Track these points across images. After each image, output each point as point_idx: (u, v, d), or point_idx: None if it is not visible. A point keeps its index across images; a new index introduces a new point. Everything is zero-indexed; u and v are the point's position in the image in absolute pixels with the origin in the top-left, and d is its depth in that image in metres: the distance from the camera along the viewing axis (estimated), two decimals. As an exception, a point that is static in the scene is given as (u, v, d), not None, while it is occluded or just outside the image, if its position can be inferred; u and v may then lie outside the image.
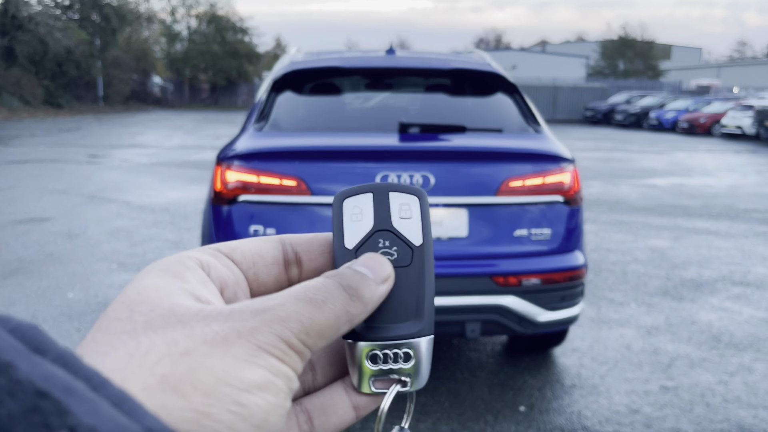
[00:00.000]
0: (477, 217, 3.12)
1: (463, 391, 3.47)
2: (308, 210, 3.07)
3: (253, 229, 3.00)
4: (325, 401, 0.42)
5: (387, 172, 3.04)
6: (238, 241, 0.43)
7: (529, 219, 3.16)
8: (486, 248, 3.10)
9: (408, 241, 0.44)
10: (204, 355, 0.32)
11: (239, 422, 0.31)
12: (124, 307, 0.34)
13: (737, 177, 13.06)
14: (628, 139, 23.44)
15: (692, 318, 4.64)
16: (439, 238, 3.06)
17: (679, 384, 3.59)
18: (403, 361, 0.42)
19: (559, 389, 3.52)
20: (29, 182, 10.25)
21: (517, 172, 3.14)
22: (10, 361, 0.25)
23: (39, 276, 5.30)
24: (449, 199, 3.09)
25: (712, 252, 6.60)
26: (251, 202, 3.05)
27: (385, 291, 0.41)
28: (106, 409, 0.25)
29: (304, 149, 3.13)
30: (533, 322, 3.06)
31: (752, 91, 39.13)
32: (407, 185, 0.46)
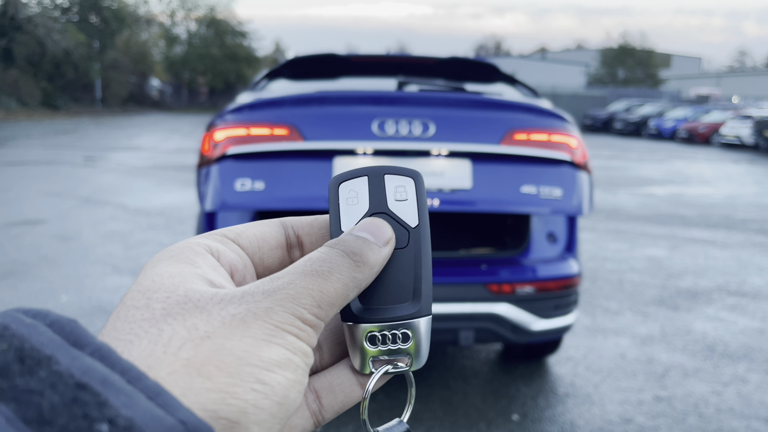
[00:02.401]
0: (481, 168, 2.97)
1: (456, 399, 3.45)
2: (300, 158, 2.90)
3: (240, 183, 2.82)
4: (332, 380, 0.43)
5: (384, 119, 2.89)
6: (243, 226, 0.43)
7: (536, 175, 2.99)
8: (492, 204, 2.94)
9: (404, 222, 0.44)
10: (224, 338, 0.33)
11: (262, 399, 0.32)
12: (141, 295, 0.35)
13: (735, 187, 13.08)
14: (627, 147, 23.48)
15: (687, 327, 4.63)
16: (441, 189, 2.91)
17: (672, 394, 3.58)
18: (402, 342, 0.42)
19: (552, 398, 3.50)
20: (24, 184, 10.22)
21: (521, 125, 3.00)
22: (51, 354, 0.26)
23: (32, 279, 5.27)
24: (451, 146, 2.92)
25: (708, 262, 6.60)
26: (238, 155, 2.88)
27: (388, 253, 0.42)
28: (142, 402, 0.26)
29: (296, 97, 3.00)
30: (527, 330, 3.05)
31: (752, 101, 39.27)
32: (403, 167, 0.46)
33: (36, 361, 0.26)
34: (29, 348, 0.27)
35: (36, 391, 0.25)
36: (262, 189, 2.81)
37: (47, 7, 34.90)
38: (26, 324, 0.28)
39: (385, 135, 2.87)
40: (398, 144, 2.87)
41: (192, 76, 46.94)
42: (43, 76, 32.74)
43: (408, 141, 2.87)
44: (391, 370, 0.43)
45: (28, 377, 0.26)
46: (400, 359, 0.43)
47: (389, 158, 2.91)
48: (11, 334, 0.27)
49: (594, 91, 39.19)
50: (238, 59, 46.10)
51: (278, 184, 2.83)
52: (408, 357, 0.42)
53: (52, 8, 35.40)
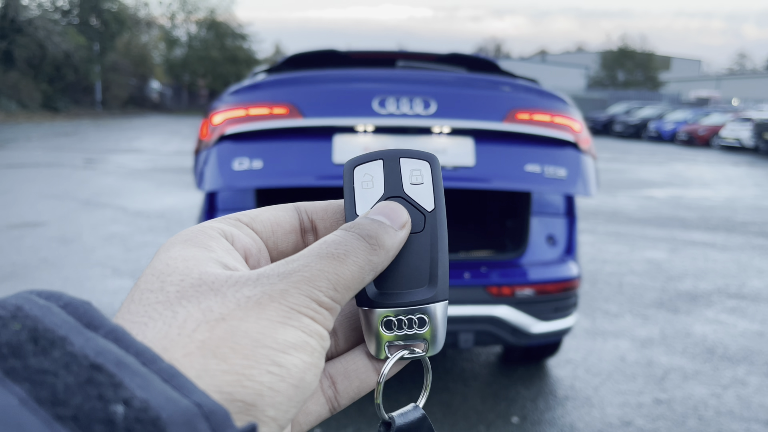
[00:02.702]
0: (484, 146, 2.91)
1: (455, 401, 3.45)
2: (299, 137, 2.86)
3: (238, 162, 2.78)
4: (348, 366, 0.43)
5: (385, 96, 2.84)
6: (257, 211, 0.43)
7: (540, 154, 2.93)
8: (495, 181, 2.89)
9: (420, 206, 0.44)
10: (239, 320, 0.32)
11: (278, 382, 0.32)
12: (155, 279, 0.35)
13: (735, 189, 13.08)
14: (627, 149, 23.49)
15: (687, 330, 4.63)
16: (444, 167, 2.84)
17: (672, 396, 3.58)
18: (418, 327, 0.42)
19: (552, 400, 3.50)
20: (24, 186, 10.22)
21: (524, 105, 2.96)
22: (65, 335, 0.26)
23: (32, 281, 5.27)
24: (453, 123, 2.86)
25: (708, 264, 6.60)
26: (236, 135, 2.83)
27: (404, 236, 0.41)
28: (157, 384, 0.26)
29: (295, 77, 2.97)
30: (526, 333, 3.05)
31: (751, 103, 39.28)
32: (418, 150, 0.46)
33: (50, 341, 0.26)
34: (42, 329, 0.26)
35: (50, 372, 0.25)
36: (261, 167, 2.77)
37: (47, 10, 34.93)
38: (40, 305, 0.28)
39: (385, 112, 2.82)
40: (399, 121, 2.83)
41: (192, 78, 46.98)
42: (44, 79, 32.76)
43: (409, 118, 2.82)
44: (407, 355, 0.43)
45: (42, 357, 0.26)
46: (417, 345, 0.42)
47: (390, 136, 2.87)
48: (24, 315, 0.27)
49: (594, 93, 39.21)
50: (238, 61, 46.15)
51: (277, 162, 2.80)
52: (424, 342, 0.42)
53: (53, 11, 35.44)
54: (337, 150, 2.81)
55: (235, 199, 3.16)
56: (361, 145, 2.82)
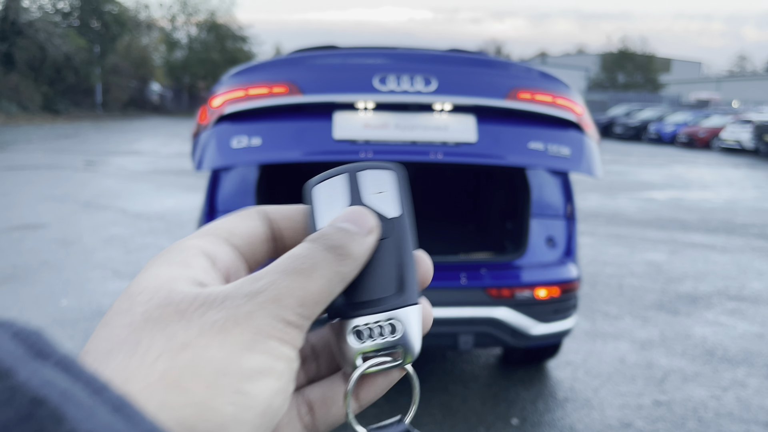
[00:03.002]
0: (486, 123, 2.89)
1: (455, 403, 3.45)
2: (299, 114, 2.86)
3: (237, 140, 2.74)
4: (326, 392, 0.41)
5: (386, 73, 2.81)
6: (231, 223, 0.42)
7: (543, 133, 2.91)
8: (498, 157, 2.85)
9: (384, 213, 0.43)
10: (203, 347, 0.31)
11: (243, 412, 0.31)
12: (126, 298, 0.34)
13: (735, 191, 13.08)
14: (627, 151, 23.50)
15: (687, 332, 4.63)
16: (446, 143, 2.81)
17: (672, 398, 3.58)
18: (390, 334, 0.40)
19: (552, 402, 3.51)
20: (25, 188, 10.23)
21: (525, 85, 2.93)
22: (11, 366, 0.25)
23: (33, 283, 5.28)
24: (454, 100, 2.83)
25: (708, 266, 6.60)
26: (235, 114, 2.82)
27: (372, 242, 0.40)
28: (103, 415, 0.25)
29: (295, 56, 2.95)
30: (526, 334, 3.05)
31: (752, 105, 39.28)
32: (379, 162, 0.45)
33: None
34: None
35: None
36: (260, 144, 2.75)
37: (48, 12, 34.97)
38: None
39: (386, 89, 2.80)
40: (400, 97, 2.80)
41: (192, 80, 47.01)
42: (44, 81, 32.78)
43: (410, 95, 2.80)
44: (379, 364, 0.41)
45: None
46: (392, 353, 0.41)
47: (391, 113, 2.85)
48: None
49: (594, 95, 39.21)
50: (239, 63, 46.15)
51: (276, 139, 2.78)
52: (399, 350, 0.40)
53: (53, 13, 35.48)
54: (338, 126, 2.80)
55: (235, 200, 3.17)
56: (362, 121, 2.81)
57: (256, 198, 3.16)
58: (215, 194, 3.17)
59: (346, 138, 2.77)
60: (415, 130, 2.80)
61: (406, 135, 2.79)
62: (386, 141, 2.78)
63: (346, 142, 2.76)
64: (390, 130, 2.79)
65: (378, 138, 2.78)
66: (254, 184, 3.18)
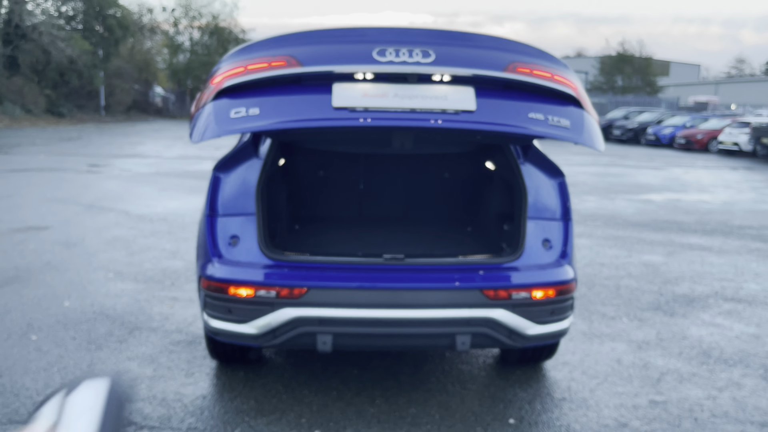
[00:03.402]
0: (485, 95, 2.87)
1: (453, 403, 3.50)
2: (298, 87, 2.86)
3: (234, 111, 2.74)
4: None
5: (385, 46, 2.80)
6: None
7: (543, 106, 2.90)
8: (499, 125, 2.84)
9: None
10: None
11: None
12: None
13: (733, 193, 13.13)
14: (625, 154, 23.54)
15: (683, 333, 4.68)
16: (445, 110, 2.79)
17: (668, 398, 3.63)
18: None
19: (549, 402, 3.55)
20: (29, 191, 10.30)
21: (524, 60, 2.92)
22: None
23: (36, 284, 5.34)
24: (452, 71, 2.83)
25: (705, 268, 6.65)
26: (234, 87, 2.81)
27: None
28: None
29: (295, 33, 2.93)
30: (523, 335, 3.10)
31: (750, 108, 39.31)
32: None
33: None
34: None
35: None
36: (258, 113, 2.74)
37: (52, 16, 35.03)
38: None
39: (385, 60, 2.80)
40: (399, 68, 2.80)
41: (195, 84, 47.05)
42: (48, 84, 32.83)
43: (409, 65, 2.80)
44: None
45: None
46: None
47: (390, 84, 2.84)
48: None
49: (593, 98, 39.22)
50: (241, 67, 46.18)
51: (275, 108, 2.79)
52: None
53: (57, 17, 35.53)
54: (336, 96, 2.78)
55: (236, 202, 3.22)
56: (361, 91, 2.80)
57: (257, 200, 3.21)
58: (216, 196, 3.23)
59: (345, 106, 2.76)
60: (414, 99, 2.79)
61: (405, 103, 2.78)
62: (386, 108, 2.77)
63: (345, 109, 2.75)
64: (389, 99, 2.79)
65: (377, 106, 2.77)
66: (255, 186, 3.24)
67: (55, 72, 32.95)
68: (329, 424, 3.24)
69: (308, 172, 4.83)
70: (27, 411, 3.23)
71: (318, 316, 2.95)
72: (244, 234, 3.15)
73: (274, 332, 2.98)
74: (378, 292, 3.00)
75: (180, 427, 3.15)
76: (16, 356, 3.90)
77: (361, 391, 3.58)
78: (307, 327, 2.97)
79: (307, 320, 2.95)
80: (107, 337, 4.26)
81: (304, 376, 3.75)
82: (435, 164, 4.87)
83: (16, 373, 3.66)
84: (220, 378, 3.70)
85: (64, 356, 3.92)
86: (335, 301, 2.95)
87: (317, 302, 2.94)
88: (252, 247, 3.11)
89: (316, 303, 2.94)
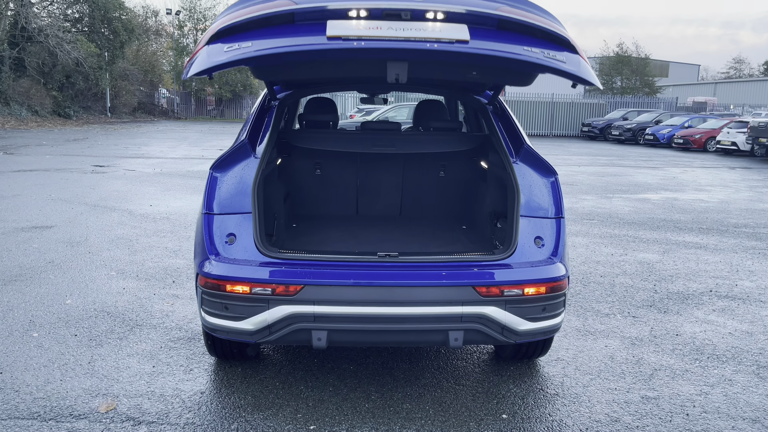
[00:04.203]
0: (479, 32, 2.86)
1: (447, 398, 3.56)
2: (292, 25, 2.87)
3: (227, 47, 2.79)
4: None
5: None
6: None
7: (537, 45, 2.90)
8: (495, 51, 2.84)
9: None
10: None
11: None
12: None
13: (730, 192, 13.14)
14: (623, 154, 23.54)
15: (677, 330, 4.73)
16: (440, 39, 2.78)
17: (660, 394, 3.67)
18: None
19: (541, 398, 3.61)
20: (34, 191, 10.39)
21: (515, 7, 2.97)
22: None
23: (38, 282, 5.42)
24: (445, 7, 2.84)
25: (700, 266, 6.69)
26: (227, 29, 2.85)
27: None
28: None
29: None
30: (515, 331, 3.14)
31: (748, 108, 39.25)
32: None
33: None
34: None
35: None
36: (250, 46, 2.78)
37: (58, 18, 35.21)
38: None
39: None
40: (392, 3, 2.82)
41: (200, 85, 47.22)
42: (54, 86, 33.01)
43: (403, 1, 2.82)
44: None
45: None
46: None
47: (383, 20, 2.85)
48: None
49: (592, 99, 39.18)
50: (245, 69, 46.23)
51: (268, 42, 2.81)
52: None
53: (63, 19, 35.70)
54: (330, 29, 2.79)
55: (233, 201, 3.28)
56: (353, 29, 2.81)
57: (253, 198, 3.28)
58: (213, 195, 3.29)
59: (339, 35, 2.76)
60: (409, 32, 2.80)
61: (399, 34, 2.79)
62: (380, 37, 2.77)
63: (339, 38, 2.76)
64: (383, 31, 2.80)
65: (371, 35, 2.78)
66: (251, 185, 3.30)
67: (62, 74, 33.13)
68: (325, 419, 3.30)
69: (305, 171, 4.90)
70: (27, 408, 3.30)
71: (313, 313, 3.01)
72: (241, 232, 3.21)
73: (270, 329, 3.05)
74: (372, 289, 3.06)
75: (178, 423, 3.21)
76: (17, 353, 3.97)
77: (356, 387, 3.64)
78: (302, 323, 3.03)
79: (302, 317, 3.01)
80: (108, 334, 4.33)
81: (300, 372, 3.81)
82: (430, 163, 4.93)
83: (17, 370, 3.73)
84: (218, 374, 3.77)
85: (65, 353, 3.99)
86: (330, 298, 3.01)
87: (312, 299, 3.00)
88: (248, 245, 3.17)
89: (311, 300, 3.00)
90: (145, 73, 43.48)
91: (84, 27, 36.53)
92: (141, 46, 44.86)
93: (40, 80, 32.35)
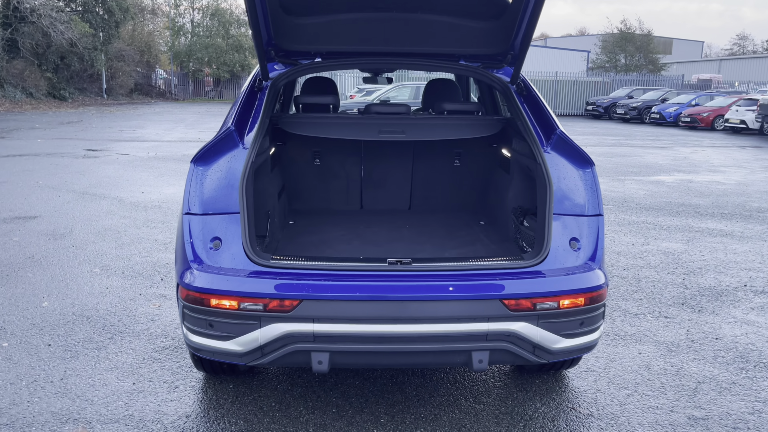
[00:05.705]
0: None
1: (467, 421, 3.12)
2: None
3: None
4: None
5: None
6: None
7: None
8: None
9: None
10: None
11: None
12: None
13: (745, 173, 12.67)
14: (630, 133, 22.99)
15: (715, 333, 4.28)
16: None
17: (708, 414, 3.23)
18: None
19: (573, 419, 3.16)
20: (21, 177, 9.92)
21: None
22: None
23: (15, 282, 4.97)
24: None
25: (728, 256, 6.24)
26: None
27: None
28: None
29: None
30: (549, 350, 2.70)
31: (753, 86, 38.61)
32: None
33: None
34: None
35: None
36: None
37: (50, -3, 34.46)
38: None
39: None
40: None
41: (197, 66, 46.48)
42: (49, 67, 32.34)
43: None
44: None
45: None
46: None
47: None
48: None
49: (596, 77, 38.52)
50: (243, 49, 45.49)
51: None
52: None
53: (56, -2, 34.96)
54: None
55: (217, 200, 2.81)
56: None
57: (241, 195, 2.81)
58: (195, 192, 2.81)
59: None
60: None
61: None
62: None
63: None
64: None
65: None
66: (239, 180, 2.84)
67: (56, 55, 32.50)
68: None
69: (303, 161, 4.43)
70: (-10, 433, 2.87)
71: (312, 332, 2.56)
72: (227, 236, 2.74)
73: (262, 350, 2.60)
74: (381, 303, 2.59)
75: (159, 453, 2.78)
76: (-16, 367, 3.54)
77: (363, 408, 3.20)
78: (299, 344, 2.58)
79: (299, 336, 2.56)
80: (85, 343, 3.89)
81: (300, 389, 3.37)
82: (443, 151, 4.45)
83: (-19, 388, 3.29)
84: (206, 392, 3.33)
85: (36, 367, 3.55)
86: (332, 315, 2.55)
87: (311, 316, 2.54)
88: (236, 251, 2.71)
89: (310, 317, 2.54)
90: (141, 54, 42.71)
91: (78, 6, 35.79)
92: (137, 25, 44.06)
93: (34, 62, 31.71)
